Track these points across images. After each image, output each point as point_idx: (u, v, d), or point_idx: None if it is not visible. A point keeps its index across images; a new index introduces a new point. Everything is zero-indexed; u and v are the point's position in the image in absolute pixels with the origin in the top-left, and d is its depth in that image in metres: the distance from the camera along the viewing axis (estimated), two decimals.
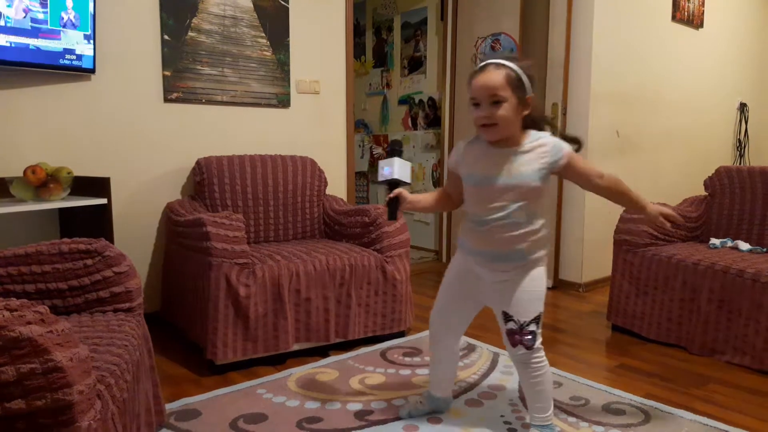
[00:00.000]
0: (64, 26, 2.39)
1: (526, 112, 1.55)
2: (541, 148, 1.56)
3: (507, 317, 1.62)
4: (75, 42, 2.43)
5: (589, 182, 1.62)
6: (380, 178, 1.65)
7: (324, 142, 3.37)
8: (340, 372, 2.27)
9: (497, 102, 1.49)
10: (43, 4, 2.31)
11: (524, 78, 1.52)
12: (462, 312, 1.78)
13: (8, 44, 2.25)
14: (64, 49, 2.40)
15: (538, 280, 1.63)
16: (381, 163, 1.66)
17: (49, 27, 2.35)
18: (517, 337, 1.60)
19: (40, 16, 2.31)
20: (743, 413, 1.97)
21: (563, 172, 1.59)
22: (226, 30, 2.95)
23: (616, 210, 3.58)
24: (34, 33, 2.31)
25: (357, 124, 5.26)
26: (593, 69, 3.43)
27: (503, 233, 1.58)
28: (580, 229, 3.55)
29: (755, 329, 2.30)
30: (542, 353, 1.63)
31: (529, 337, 1.59)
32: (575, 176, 1.61)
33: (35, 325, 1.01)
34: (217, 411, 1.93)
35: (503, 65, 1.51)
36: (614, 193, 1.65)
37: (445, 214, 4.33)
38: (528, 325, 1.59)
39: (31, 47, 2.31)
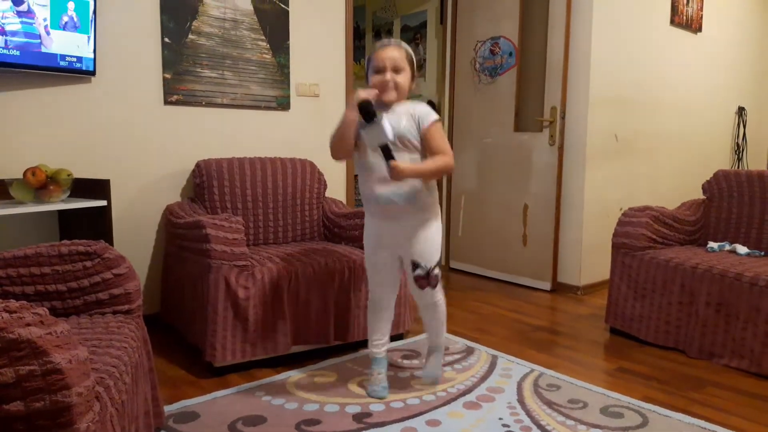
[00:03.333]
0: (65, 28, 2.40)
1: (413, 85, 1.95)
2: (412, 110, 1.90)
3: (415, 265, 1.97)
4: (75, 44, 2.44)
5: (434, 153, 1.90)
6: (382, 142, 1.79)
7: (323, 144, 3.34)
8: (339, 374, 2.27)
9: (397, 71, 1.88)
10: (44, 6, 2.32)
11: (414, 59, 1.94)
12: (393, 271, 2.10)
13: (9, 46, 2.25)
14: (65, 51, 2.41)
15: (436, 232, 2.01)
16: (369, 129, 1.79)
17: (49, 29, 2.35)
18: (424, 281, 1.97)
19: (42, 18, 2.32)
20: (741, 417, 1.97)
21: (424, 136, 1.89)
22: (226, 33, 2.96)
23: (615, 213, 3.60)
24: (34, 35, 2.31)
25: None
26: (592, 73, 3.44)
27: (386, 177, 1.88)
28: (579, 232, 3.56)
29: (753, 333, 2.31)
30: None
31: (437, 277, 1.99)
32: (428, 143, 1.89)
33: (34, 326, 1.01)
34: (215, 413, 1.93)
35: (402, 46, 1.92)
36: (433, 159, 1.93)
37: (444, 217, 4.34)
38: (435, 267, 1.97)
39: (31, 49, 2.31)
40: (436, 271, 1.98)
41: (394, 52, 1.88)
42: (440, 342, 2.18)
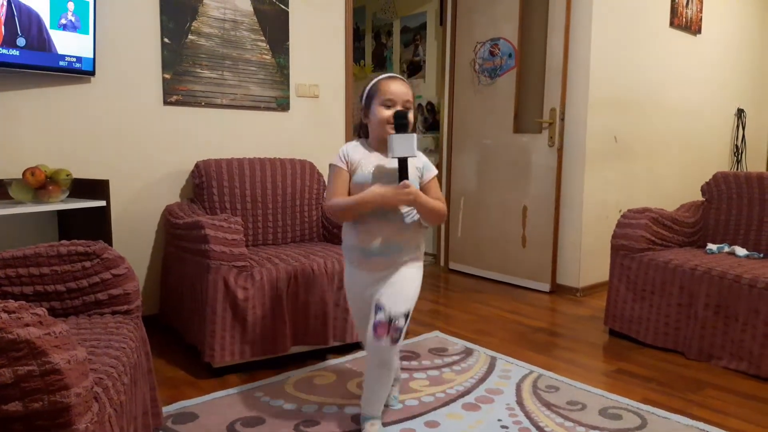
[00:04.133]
0: (65, 28, 2.40)
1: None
2: (414, 159, 1.72)
3: (379, 307, 1.66)
4: (75, 44, 2.44)
5: None
6: (398, 154, 1.64)
7: (323, 145, 3.37)
8: (338, 375, 2.27)
9: (408, 107, 1.71)
10: (44, 7, 2.32)
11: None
12: None
13: (8, 47, 2.25)
14: (65, 51, 2.41)
15: (413, 278, 1.74)
16: (399, 138, 1.64)
17: (49, 29, 2.35)
18: (383, 329, 1.63)
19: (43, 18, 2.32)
20: (740, 418, 1.97)
21: (425, 186, 1.75)
22: (226, 33, 2.96)
23: (614, 215, 3.60)
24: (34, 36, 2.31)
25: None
26: (591, 74, 3.44)
27: (387, 224, 1.70)
28: (578, 233, 3.56)
29: (752, 335, 2.31)
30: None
31: (399, 331, 1.65)
32: (427, 193, 1.74)
33: (33, 327, 1.01)
34: (214, 414, 1.93)
35: (407, 81, 1.78)
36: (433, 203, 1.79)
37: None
38: (399, 318, 1.64)
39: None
40: (401, 322, 1.63)
41: (405, 87, 1.72)
42: (376, 410, 1.82)
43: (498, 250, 3.93)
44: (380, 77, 1.75)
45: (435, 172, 1.79)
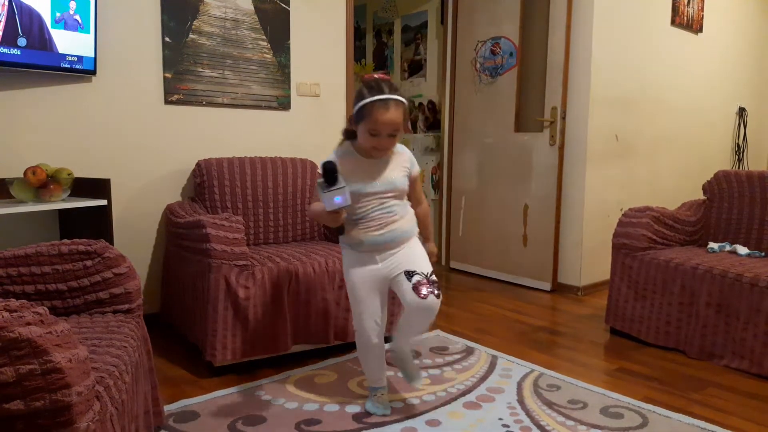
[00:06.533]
0: (66, 28, 2.40)
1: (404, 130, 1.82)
2: (401, 157, 1.86)
3: (411, 273, 1.80)
4: (76, 43, 2.44)
5: (415, 200, 1.95)
6: (333, 208, 1.64)
7: (324, 144, 3.37)
8: (339, 374, 2.27)
9: (394, 134, 1.75)
10: (45, 6, 2.32)
11: (407, 109, 1.78)
12: (380, 302, 1.89)
13: (9, 46, 2.25)
14: (66, 51, 2.41)
15: (420, 245, 1.92)
16: (329, 194, 1.62)
17: (50, 28, 2.35)
18: (426, 287, 1.77)
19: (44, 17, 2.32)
20: (741, 417, 1.97)
21: (411, 181, 1.89)
22: (227, 32, 2.96)
23: (615, 213, 3.60)
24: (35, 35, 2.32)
25: None
26: (593, 73, 3.44)
27: (386, 221, 1.81)
28: (579, 232, 3.56)
29: (753, 333, 2.31)
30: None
31: (437, 284, 1.80)
32: (411, 189, 1.91)
33: (35, 326, 1.01)
34: (215, 413, 1.93)
35: (402, 102, 1.73)
36: (422, 220, 1.97)
37: (444, 218, 4.34)
38: (431, 274, 1.81)
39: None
40: (434, 277, 1.82)
41: (394, 115, 1.70)
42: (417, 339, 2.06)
43: (499, 249, 3.93)
44: (375, 99, 1.69)
45: (419, 167, 1.94)
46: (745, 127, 4.91)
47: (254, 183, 2.81)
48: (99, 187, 2.30)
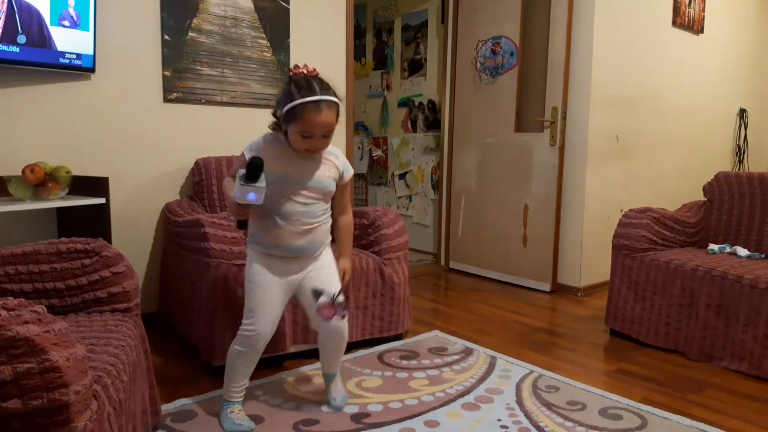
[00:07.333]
0: (65, 25, 2.39)
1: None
2: (335, 159, 1.80)
3: (318, 293, 1.78)
4: (75, 41, 2.43)
5: (340, 208, 1.90)
6: (243, 201, 1.59)
7: None
8: None
9: (327, 135, 1.67)
10: (44, 3, 2.31)
11: (342, 103, 1.70)
12: (282, 308, 1.86)
13: (9, 43, 2.24)
14: (65, 48, 2.40)
15: (333, 259, 1.89)
16: (245, 188, 1.58)
17: (49, 26, 2.35)
18: (330, 310, 1.77)
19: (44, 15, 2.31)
20: (740, 419, 1.97)
21: (340, 186, 1.84)
22: (226, 31, 2.95)
23: (615, 214, 3.59)
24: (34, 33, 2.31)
25: (356, 126, 5.26)
26: (593, 73, 3.44)
27: (304, 226, 1.75)
28: (579, 233, 3.55)
29: (753, 335, 2.31)
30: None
31: (342, 305, 1.80)
32: (339, 195, 1.86)
33: (32, 324, 1.01)
34: (213, 412, 1.92)
35: (335, 103, 1.66)
36: (342, 230, 1.92)
37: (444, 218, 4.33)
38: (339, 294, 1.79)
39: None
40: (341, 299, 1.79)
41: (328, 117, 1.63)
42: (338, 368, 2.04)
43: (499, 250, 3.92)
44: (307, 101, 1.60)
45: (352, 172, 1.88)
46: (745, 128, 4.92)
47: None
48: (97, 185, 2.29)
